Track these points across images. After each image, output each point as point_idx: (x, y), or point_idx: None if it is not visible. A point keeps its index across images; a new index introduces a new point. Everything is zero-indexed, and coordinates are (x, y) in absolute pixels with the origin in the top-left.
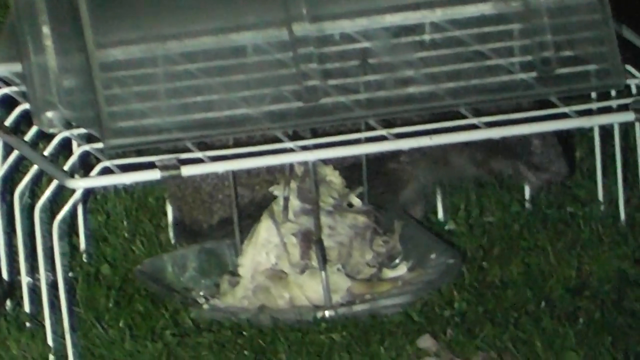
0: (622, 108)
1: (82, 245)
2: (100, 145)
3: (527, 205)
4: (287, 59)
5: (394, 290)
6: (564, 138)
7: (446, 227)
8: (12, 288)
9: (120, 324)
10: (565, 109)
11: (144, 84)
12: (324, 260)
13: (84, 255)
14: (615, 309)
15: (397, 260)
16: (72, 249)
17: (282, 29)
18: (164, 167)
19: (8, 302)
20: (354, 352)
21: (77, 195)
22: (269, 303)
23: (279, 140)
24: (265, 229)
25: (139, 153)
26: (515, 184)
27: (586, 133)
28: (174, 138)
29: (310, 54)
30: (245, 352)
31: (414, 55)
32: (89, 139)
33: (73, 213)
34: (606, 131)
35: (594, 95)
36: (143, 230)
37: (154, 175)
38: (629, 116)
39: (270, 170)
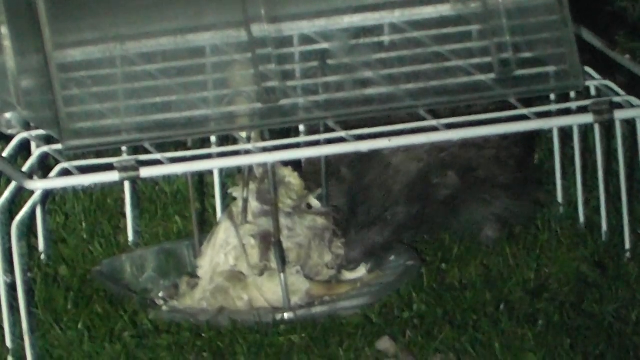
0: (582, 110)
1: (41, 246)
2: (59, 146)
3: None
4: (246, 59)
5: (353, 292)
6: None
7: None
8: None
9: (79, 326)
10: (525, 111)
11: (103, 84)
12: (282, 261)
13: (43, 257)
14: (574, 311)
15: None
16: (30, 250)
17: (240, 30)
18: (122, 169)
19: None
20: (312, 354)
21: (36, 196)
22: (227, 305)
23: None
24: (224, 231)
25: (98, 154)
26: None
27: (545, 135)
28: (133, 139)
29: (268, 55)
30: (204, 354)
31: (372, 56)
32: (48, 140)
33: (32, 214)
34: (565, 133)
35: (553, 97)
36: (102, 231)
37: (113, 176)
38: (588, 118)
39: None
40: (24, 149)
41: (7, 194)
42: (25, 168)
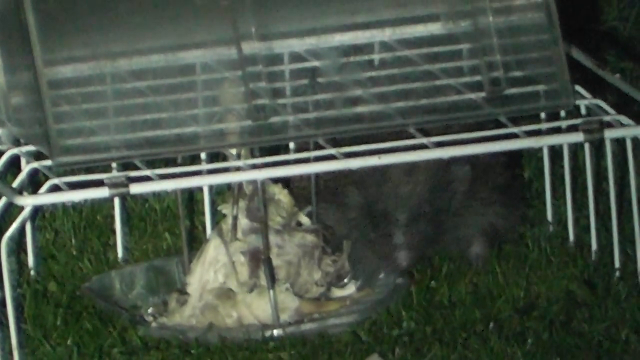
0: (572, 129)
1: (30, 262)
2: (49, 162)
3: None
4: (236, 77)
5: (343, 310)
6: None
7: None
8: None
9: (68, 342)
10: (515, 129)
11: (93, 101)
12: (272, 279)
13: (32, 273)
14: (563, 330)
15: (345, 280)
16: (19, 266)
17: (231, 48)
18: (112, 185)
19: None
20: None
21: (26, 212)
22: (217, 322)
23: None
24: (213, 248)
25: (88, 171)
26: None
27: (535, 153)
28: (122, 156)
29: (259, 73)
30: None
31: (363, 74)
32: (37, 156)
33: (21, 230)
34: (555, 152)
35: (543, 115)
36: (91, 247)
37: (103, 193)
38: (578, 137)
39: None
40: (13, 165)
41: None
42: (15, 184)
